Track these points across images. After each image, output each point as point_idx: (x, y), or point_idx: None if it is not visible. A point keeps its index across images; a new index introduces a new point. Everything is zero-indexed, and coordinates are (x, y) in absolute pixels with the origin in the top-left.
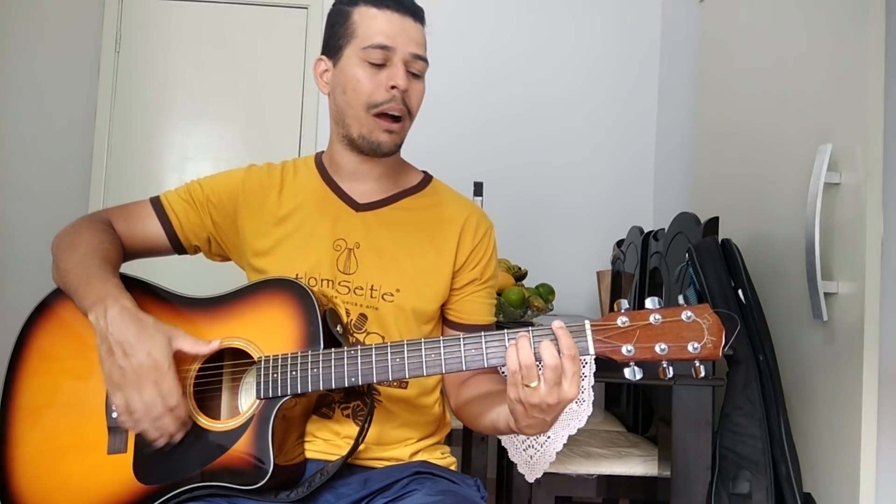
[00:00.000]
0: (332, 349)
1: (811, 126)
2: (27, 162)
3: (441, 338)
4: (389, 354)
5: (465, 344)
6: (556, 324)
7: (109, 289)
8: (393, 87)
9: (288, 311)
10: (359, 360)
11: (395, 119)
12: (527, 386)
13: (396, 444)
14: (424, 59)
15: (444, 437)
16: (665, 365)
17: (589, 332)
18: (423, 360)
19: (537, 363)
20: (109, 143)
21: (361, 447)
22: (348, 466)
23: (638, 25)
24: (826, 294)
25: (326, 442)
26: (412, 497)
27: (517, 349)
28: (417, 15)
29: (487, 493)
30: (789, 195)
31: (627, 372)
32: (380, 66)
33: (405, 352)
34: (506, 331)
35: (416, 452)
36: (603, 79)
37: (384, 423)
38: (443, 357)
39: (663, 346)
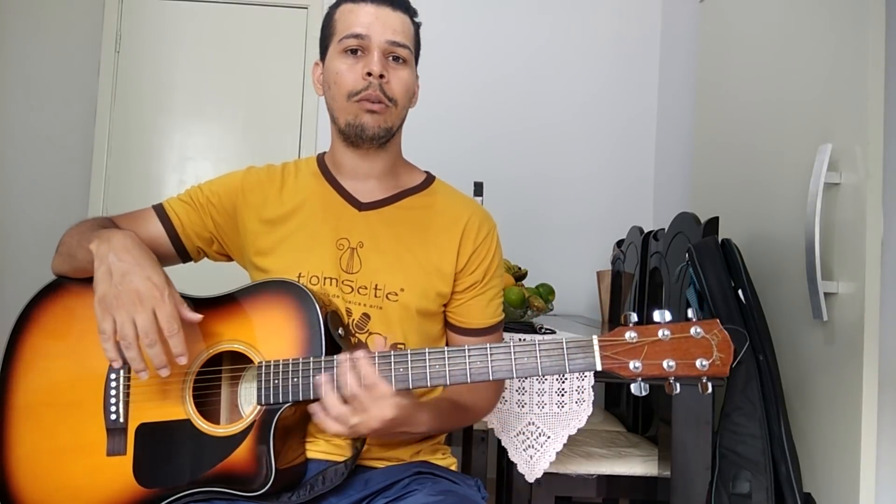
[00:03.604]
0: (335, 356)
1: (811, 126)
2: (27, 162)
3: (446, 348)
4: (393, 364)
5: (469, 356)
6: (357, 354)
7: (115, 230)
8: (369, 75)
9: (288, 314)
10: (392, 365)
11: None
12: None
13: (397, 445)
14: (405, 46)
15: (444, 437)
16: (672, 380)
17: (597, 348)
18: (427, 370)
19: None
20: (109, 143)
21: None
22: None
23: (638, 25)
24: (826, 294)
25: (328, 442)
26: (413, 497)
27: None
28: (397, 3)
29: (487, 493)
30: (789, 195)
31: (634, 387)
32: (358, 56)
33: (409, 362)
34: (511, 343)
35: (417, 452)
36: (603, 78)
37: None
38: (447, 369)
39: (671, 362)
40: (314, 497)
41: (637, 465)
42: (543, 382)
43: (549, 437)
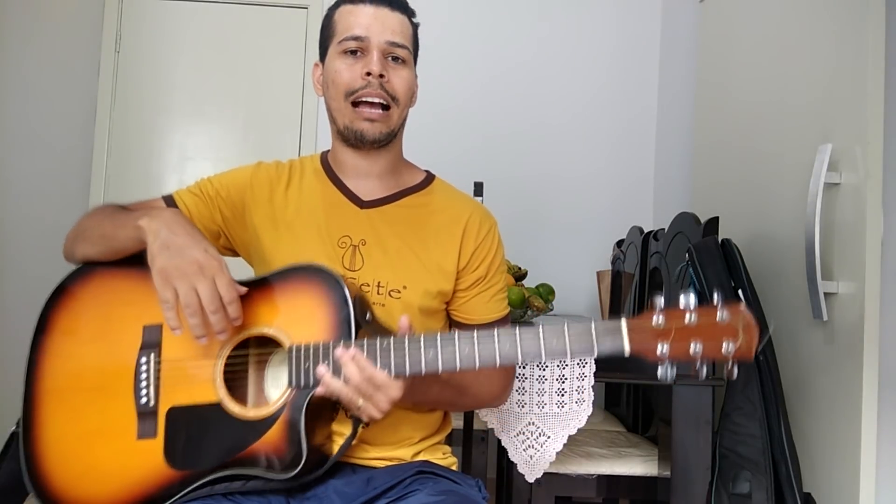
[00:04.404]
0: (365, 340)
1: (811, 126)
2: (27, 162)
3: (475, 332)
4: (423, 347)
5: (499, 339)
6: (351, 351)
7: (162, 208)
8: (368, 75)
9: (318, 299)
10: (392, 352)
11: (375, 105)
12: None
13: (398, 445)
14: (404, 46)
15: (445, 437)
16: (699, 364)
17: (625, 331)
18: (458, 353)
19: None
20: (109, 143)
21: (363, 447)
22: (351, 466)
23: (638, 25)
24: (826, 294)
25: (334, 443)
26: (414, 497)
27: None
28: (395, 4)
29: (487, 493)
30: (789, 195)
31: (660, 371)
32: (357, 56)
33: (439, 345)
34: (541, 325)
35: (418, 452)
36: (603, 78)
37: (386, 423)
38: (477, 351)
39: (698, 346)
40: (317, 498)
41: (637, 465)
42: (543, 382)
43: (549, 437)
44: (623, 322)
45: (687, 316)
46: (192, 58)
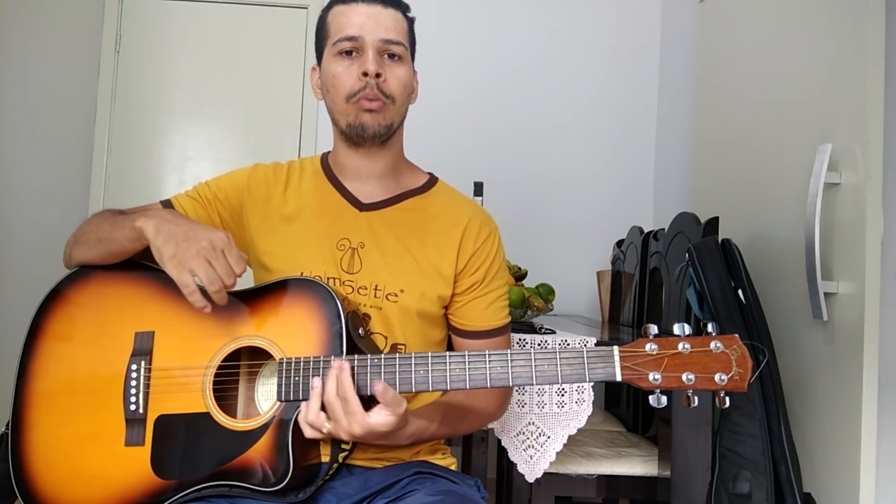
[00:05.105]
0: (355, 356)
1: (811, 126)
2: (27, 162)
3: (466, 352)
4: (413, 366)
5: (490, 361)
6: (344, 364)
7: (154, 208)
8: (365, 75)
9: (311, 312)
10: (382, 370)
11: (374, 102)
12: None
13: (394, 446)
14: (399, 43)
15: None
16: (690, 393)
17: (617, 359)
18: (448, 373)
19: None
20: (109, 143)
21: (361, 448)
22: (348, 467)
23: (638, 25)
24: (826, 294)
25: (321, 460)
26: (412, 497)
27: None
28: (387, 1)
29: (487, 493)
30: (789, 195)
31: (652, 399)
32: (353, 57)
33: (429, 364)
34: (532, 350)
35: (417, 452)
36: (603, 78)
37: None
38: (467, 372)
39: (690, 376)
40: (314, 498)
41: (637, 465)
42: None
43: (549, 437)
44: (616, 349)
45: (680, 345)
46: (192, 58)
